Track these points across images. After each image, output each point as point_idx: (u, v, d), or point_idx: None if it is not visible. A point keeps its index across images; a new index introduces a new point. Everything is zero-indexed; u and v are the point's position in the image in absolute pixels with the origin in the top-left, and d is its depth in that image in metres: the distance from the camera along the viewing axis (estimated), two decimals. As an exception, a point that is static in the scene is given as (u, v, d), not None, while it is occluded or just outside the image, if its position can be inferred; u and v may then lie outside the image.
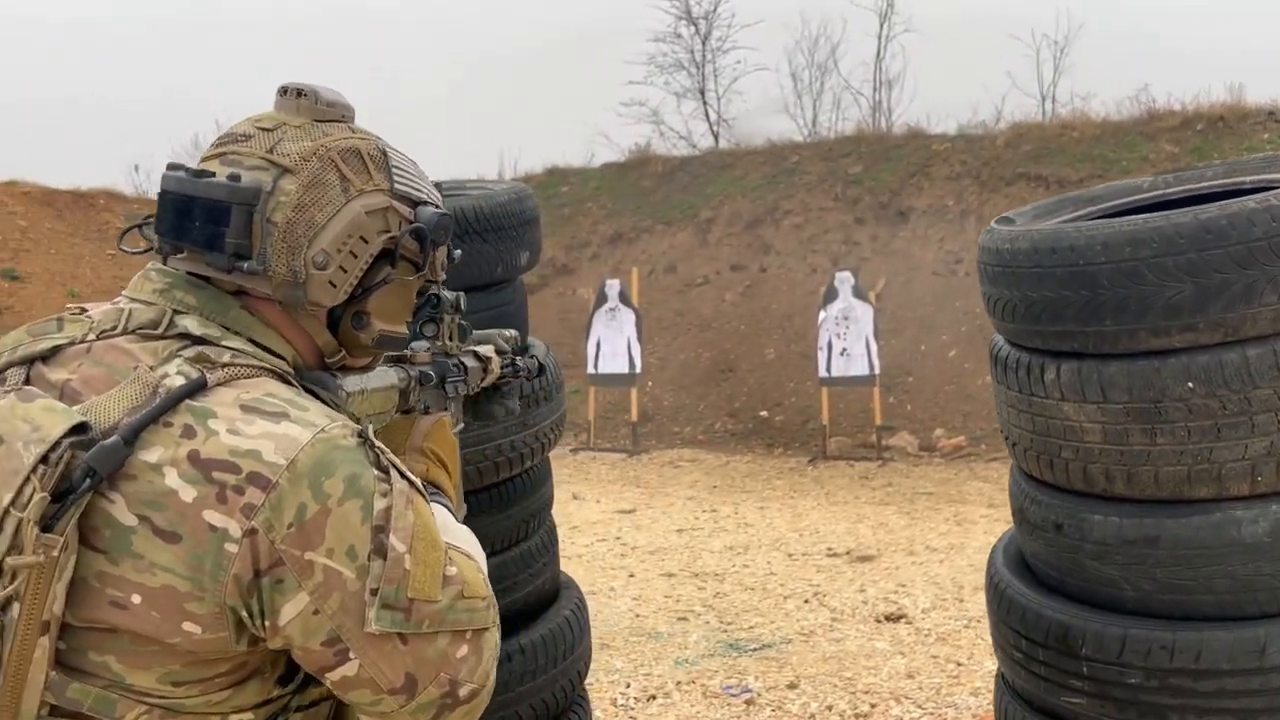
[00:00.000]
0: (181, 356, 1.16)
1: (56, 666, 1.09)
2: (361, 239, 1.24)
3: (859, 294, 9.70)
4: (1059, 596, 2.29)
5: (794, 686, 4.42)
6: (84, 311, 1.23)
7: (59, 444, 1.07)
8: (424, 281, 1.35)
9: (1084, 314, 2.11)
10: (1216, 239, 2.00)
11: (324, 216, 1.22)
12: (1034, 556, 2.40)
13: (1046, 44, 16.39)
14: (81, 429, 1.08)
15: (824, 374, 9.68)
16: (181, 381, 1.12)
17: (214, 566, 1.08)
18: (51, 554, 1.05)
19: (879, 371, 9.53)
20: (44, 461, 1.06)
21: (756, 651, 4.87)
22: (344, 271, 1.24)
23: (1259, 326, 2.02)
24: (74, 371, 1.16)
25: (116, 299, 1.25)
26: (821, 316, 9.78)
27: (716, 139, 16.62)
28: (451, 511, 1.39)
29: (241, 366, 1.16)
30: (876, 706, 4.20)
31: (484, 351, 1.76)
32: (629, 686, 4.49)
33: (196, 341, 1.18)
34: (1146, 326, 2.06)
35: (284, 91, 1.27)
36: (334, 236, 1.22)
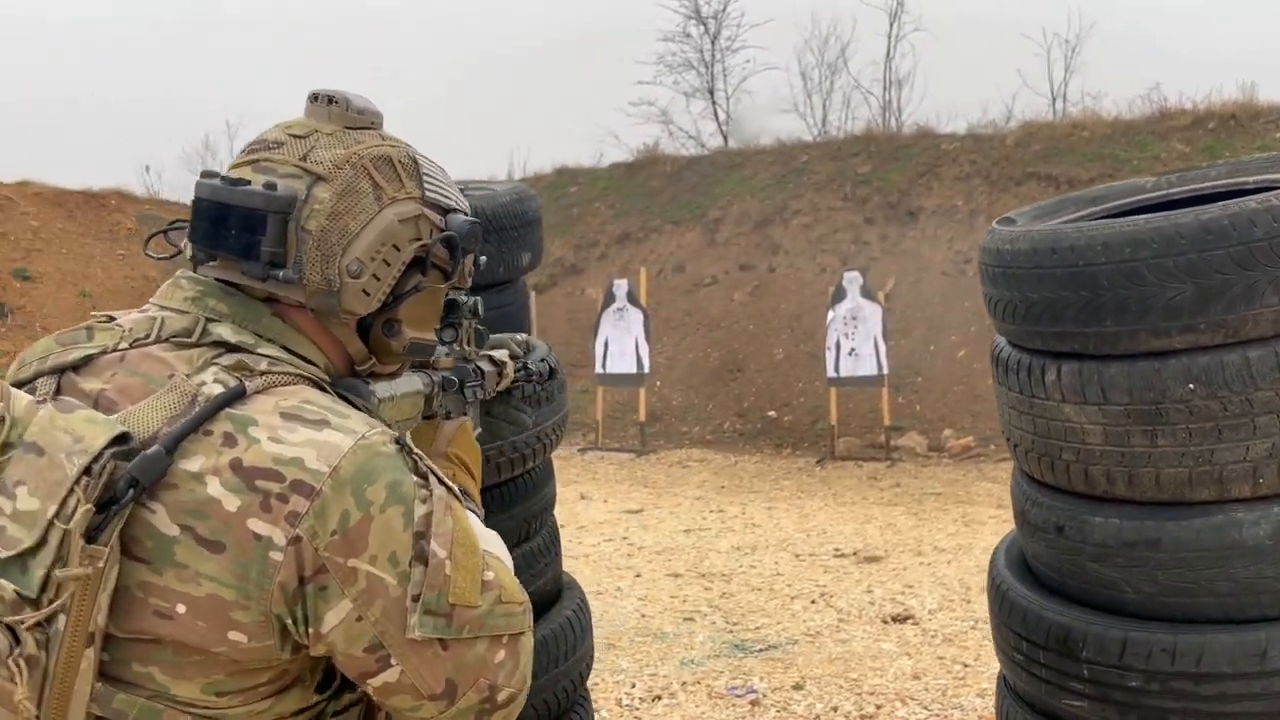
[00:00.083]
0: (218, 365, 1.15)
1: (101, 678, 1.09)
2: (394, 247, 1.24)
3: (868, 294, 9.68)
4: (1060, 598, 2.28)
5: (799, 687, 4.42)
6: (112, 320, 1.23)
7: (101, 455, 1.07)
8: (451, 288, 1.35)
9: (1084, 315, 2.10)
10: (1217, 239, 1.99)
11: (357, 225, 1.21)
12: (1035, 558, 2.39)
13: (1057, 43, 16.38)
14: (123, 439, 1.08)
15: (832, 374, 9.67)
16: (220, 389, 1.12)
17: (259, 575, 1.08)
18: (97, 565, 1.05)
19: (888, 372, 9.52)
20: (87, 473, 1.06)
21: (762, 652, 4.86)
22: (377, 280, 1.23)
23: (1260, 328, 2.01)
24: (108, 381, 1.16)
25: (145, 307, 1.25)
26: (830, 316, 9.76)
27: (725, 139, 16.61)
28: (480, 517, 1.40)
29: (279, 374, 1.16)
30: (882, 708, 4.19)
31: (499, 356, 1.77)
32: (634, 686, 4.48)
33: (231, 349, 1.18)
34: (1147, 327, 2.05)
35: (315, 98, 1.26)
36: (367, 245, 1.22)
